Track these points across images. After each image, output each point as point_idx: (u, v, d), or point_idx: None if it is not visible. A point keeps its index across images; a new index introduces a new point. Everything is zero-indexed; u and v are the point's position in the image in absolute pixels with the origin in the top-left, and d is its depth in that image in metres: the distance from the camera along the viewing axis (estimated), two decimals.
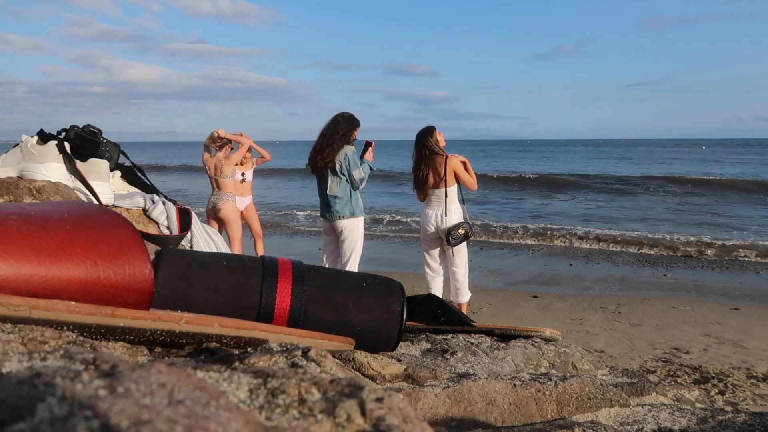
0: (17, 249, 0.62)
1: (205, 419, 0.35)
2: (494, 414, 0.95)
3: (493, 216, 12.88)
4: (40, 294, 0.63)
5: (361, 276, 1.14)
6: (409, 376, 1.03)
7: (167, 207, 1.85)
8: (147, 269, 0.70)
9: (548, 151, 58.47)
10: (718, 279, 7.21)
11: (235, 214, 5.99)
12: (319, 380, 0.49)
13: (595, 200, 15.82)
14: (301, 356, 0.64)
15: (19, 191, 1.46)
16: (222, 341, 0.80)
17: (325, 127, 4.55)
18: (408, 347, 1.39)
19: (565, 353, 1.50)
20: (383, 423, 0.42)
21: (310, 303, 1.04)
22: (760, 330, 5.01)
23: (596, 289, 6.65)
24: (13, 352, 0.51)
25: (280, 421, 0.44)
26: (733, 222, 11.60)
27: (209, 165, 5.92)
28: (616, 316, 5.48)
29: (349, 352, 1.04)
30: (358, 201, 4.60)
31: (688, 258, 8.48)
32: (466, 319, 1.62)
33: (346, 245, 4.58)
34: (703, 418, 1.02)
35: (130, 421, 0.33)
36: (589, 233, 10.08)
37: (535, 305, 5.88)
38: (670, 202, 14.98)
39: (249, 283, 1.02)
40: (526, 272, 7.63)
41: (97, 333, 0.67)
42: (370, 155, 4.77)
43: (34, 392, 0.36)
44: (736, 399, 3.32)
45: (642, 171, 24.95)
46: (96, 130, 1.79)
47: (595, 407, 1.05)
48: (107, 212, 0.75)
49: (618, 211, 13.67)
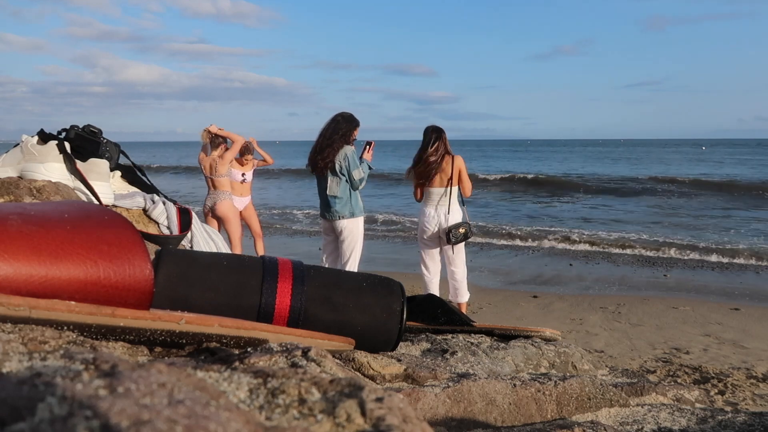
0: (17, 249, 0.62)
1: (205, 419, 0.35)
2: (494, 414, 0.95)
3: (492, 217, 12.88)
4: (40, 294, 0.63)
5: (361, 276, 1.14)
6: (409, 376, 1.03)
7: (167, 207, 1.85)
8: (147, 269, 0.70)
9: (548, 151, 58.46)
10: (718, 279, 7.21)
11: (233, 212, 5.98)
12: (319, 380, 0.49)
13: (594, 202, 15.79)
14: (301, 356, 0.64)
15: (20, 191, 1.46)
16: (222, 341, 0.80)
17: (324, 127, 4.54)
18: (408, 347, 1.39)
19: (565, 353, 1.50)
20: (383, 423, 0.42)
21: (310, 303, 1.04)
22: (759, 330, 5.01)
23: (596, 289, 6.65)
24: (13, 352, 0.51)
25: (280, 421, 0.44)
26: (727, 224, 11.61)
27: (204, 164, 5.91)
28: (616, 316, 5.48)
29: (349, 352, 1.04)
30: (358, 201, 4.60)
31: (687, 259, 8.48)
32: (466, 319, 1.62)
33: (346, 245, 4.58)
34: (702, 418, 1.02)
35: (130, 421, 0.33)
36: (589, 236, 10.07)
37: (535, 305, 5.88)
38: (671, 204, 14.93)
39: (249, 283, 1.02)
40: (526, 272, 7.63)
41: (97, 333, 0.67)
42: (369, 154, 4.77)
43: (34, 392, 0.36)
44: (735, 399, 3.32)
45: (641, 172, 24.94)
46: (96, 130, 1.79)
47: (595, 407, 1.05)
48: (107, 212, 0.75)
49: (617, 213, 13.66)
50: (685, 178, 19.82)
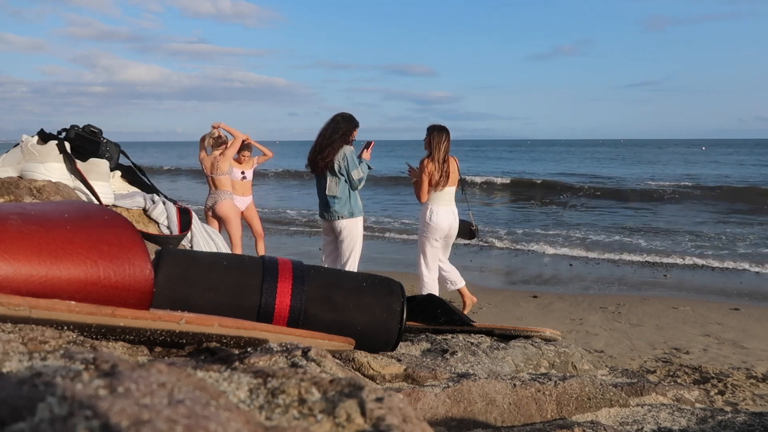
0: (17, 249, 0.62)
1: (205, 419, 0.35)
2: (494, 414, 0.95)
3: (490, 219, 12.88)
4: (41, 294, 0.63)
5: (361, 276, 1.14)
6: (409, 376, 1.03)
7: (167, 207, 1.85)
8: (147, 269, 0.70)
9: (549, 151, 58.38)
10: (718, 279, 7.21)
11: (234, 212, 5.97)
12: (319, 380, 0.49)
13: (593, 204, 15.71)
14: (301, 356, 0.64)
15: (20, 191, 1.46)
16: (222, 341, 0.80)
17: (324, 126, 4.54)
18: (408, 347, 1.39)
19: (565, 353, 1.50)
20: (383, 423, 0.42)
21: (310, 303, 1.04)
22: (759, 330, 5.01)
23: (596, 289, 6.65)
24: (13, 352, 0.51)
25: (280, 421, 0.44)
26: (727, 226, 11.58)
27: (205, 164, 5.89)
28: (616, 316, 5.48)
29: (349, 352, 1.04)
30: (357, 201, 4.59)
31: (688, 258, 8.47)
32: (466, 319, 1.62)
33: (346, 245, 4.57)
34: (702, 418, 1.02)
35: (130, 420, 0.33)
36: (588, 239, 10.04)
37: (535, 305, 5.88)
38: (672, 208, 14.83)
39: (249, 283, 1.02)
40: (526, 272, 7.63)
41: (97, 333, 0.67)
42: (368, 154, 4.77)
43: (34, 392, 0.36)
44: (735, 399, 3.32)
45: (639, 172, 24.85)
46: (96, 130, 1.79)
47: (594, 407, 1.05)
48: (107, 212, 0.75)
49: (615, 215, 13.66)
50: (696, 182, 19.08)
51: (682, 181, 19.88)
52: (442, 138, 4.68)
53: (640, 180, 20.81)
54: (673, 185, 18.31)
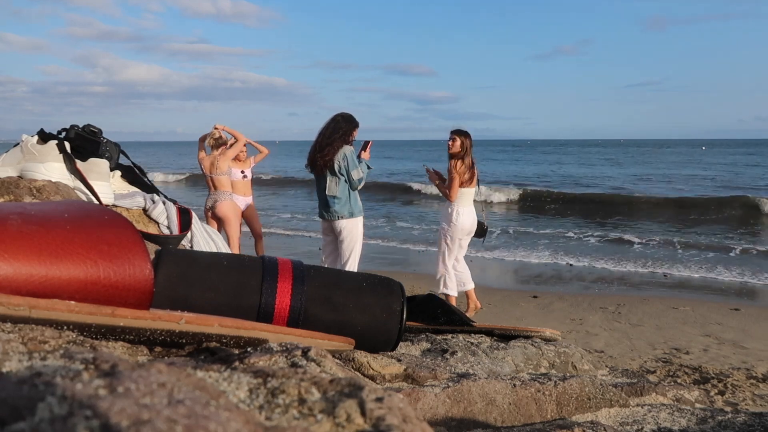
0: (17, 249, 0.62)
1: (205, 419, 0.35)
2: (494, 414, 0.95)
3: (490, 219, 12.87)
4: (41, 293, 0.63)
5: (361, 276, 1.14)
6: (409, 376, 1.03)
7: (167, 207, 1.85)
8: (147, 269, 0.70)
9: (550, 152, 58.29)
10: (718, 279, 7.21)
11: (234, 212, 5.95)
12: (319, 380, 0.49)
13: (592, 207, 15.61)
14: (301, 356, 0.64)
15: (20, 191, 1.46)
16: (222, 341, 0.80)
17: (324, 126, 4.54)
18: (408, 347, 1.39)
19: (564, 353, 1.50)
20: (383, 423, 0.42)
21: (310, 303, 1.04)
22: (759, 330, 5.01)
23: (596, 289, 6.65)
24: (13, 352, 0.51)
25: (280, 420, 0.44)
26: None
27: (205, 164, 5.88)
28: (616, 316, 5.48)
29: (349, 352, 1.04)
30: (357, 201, 4.59)
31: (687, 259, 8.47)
32: (466, 319, 1.62)
33: (345, 245, 4.57)
34: (702, 419, 1.02)
35: (130, 420, 0.33)
36: (586, 241, 10.03)
37: (535, 305, 5.88)
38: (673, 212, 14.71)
39: (249, 283, 1.02)
40: (526, 272, 7.63)
41: (97, 333, 0.67)
42: (367, 154, 4.77)
43: (34, 392, 0.36)
44: (735, 399, 3.32)
45: (638, 173, 24.76)
46: (96, 130, 1.79)
47: (594, 407, 1.05)
48: (107, 212, 0.75)
49: (614, 217, 13.64)
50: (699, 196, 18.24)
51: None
52: (471, 141, 4.98)
53: (652, 184, 20.49)
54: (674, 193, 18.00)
